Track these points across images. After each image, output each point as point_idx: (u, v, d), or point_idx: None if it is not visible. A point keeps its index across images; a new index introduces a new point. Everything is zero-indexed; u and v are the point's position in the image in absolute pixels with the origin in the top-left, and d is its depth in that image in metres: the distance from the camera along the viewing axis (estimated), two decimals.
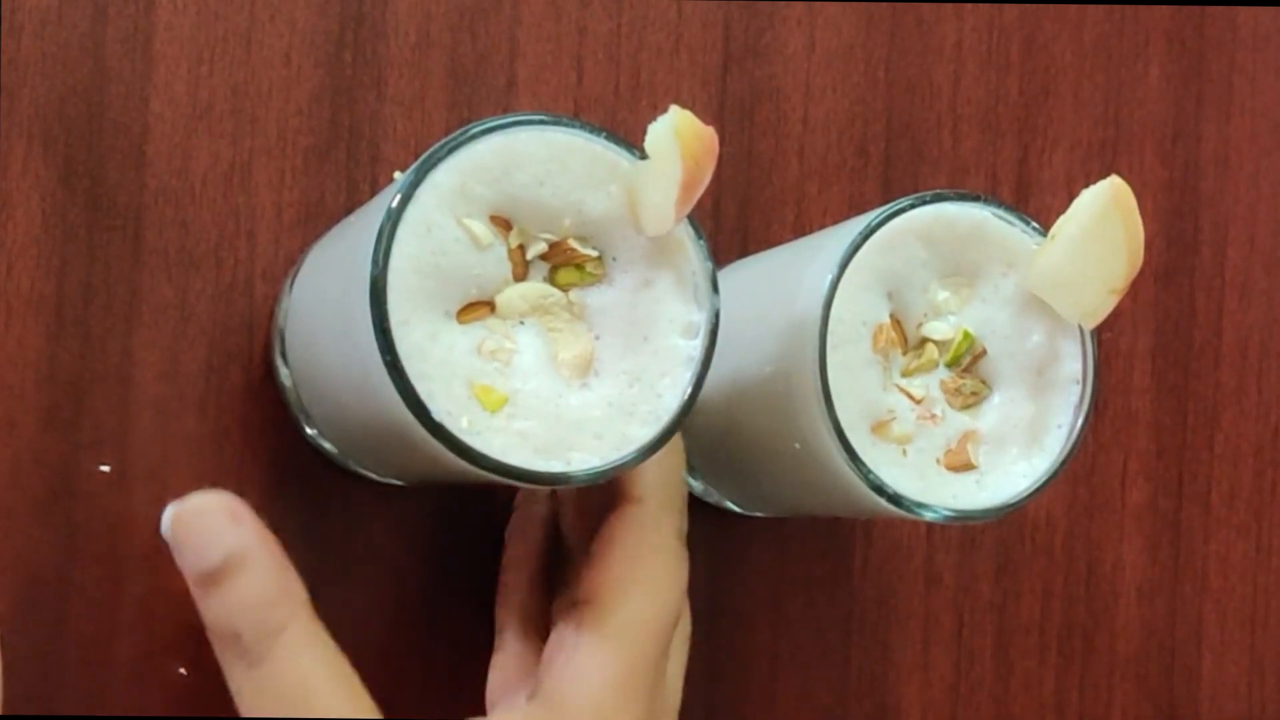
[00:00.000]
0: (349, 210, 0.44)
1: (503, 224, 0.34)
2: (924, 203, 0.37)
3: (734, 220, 0.48)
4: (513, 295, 0.34)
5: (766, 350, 0.38)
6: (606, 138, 0.34)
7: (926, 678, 0.50)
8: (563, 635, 0.37)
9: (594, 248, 0.34)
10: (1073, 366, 0.38)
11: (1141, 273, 0.36)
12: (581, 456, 0.33)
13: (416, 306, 0.32)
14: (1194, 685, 0.54)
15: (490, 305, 0.34)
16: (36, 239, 0.41)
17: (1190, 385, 0.54)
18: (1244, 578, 0.54)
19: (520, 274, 0.34)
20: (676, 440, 0.36)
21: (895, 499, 0.36)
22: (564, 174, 0.34)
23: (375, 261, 0.32)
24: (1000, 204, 0.37)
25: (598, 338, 0.34)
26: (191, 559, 0.36)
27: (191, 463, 0.40)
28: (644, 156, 0.34)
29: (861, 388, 0.36)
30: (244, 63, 0.43)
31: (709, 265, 0.35)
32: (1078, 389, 0.38)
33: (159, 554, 0.42)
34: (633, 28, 0.47)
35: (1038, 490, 0.37)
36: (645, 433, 0.34)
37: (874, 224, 0.36)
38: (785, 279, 0.39)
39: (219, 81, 0.43)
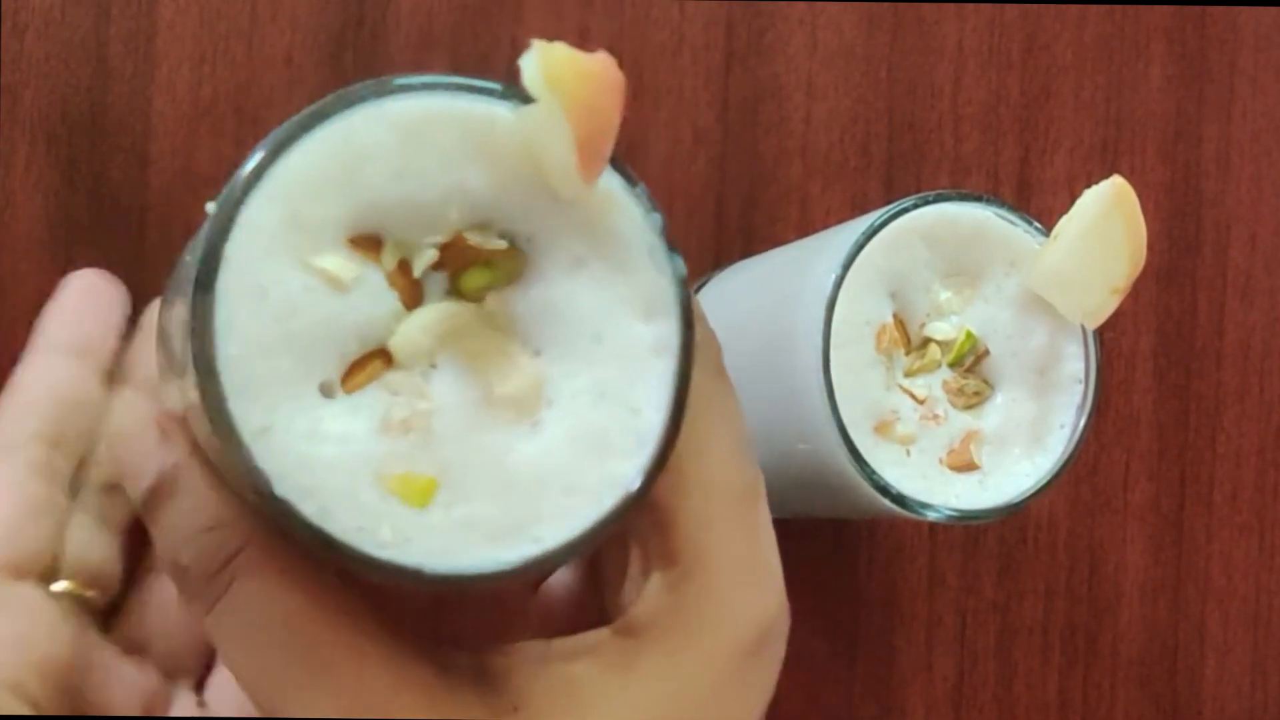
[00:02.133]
0: None
1: (369, 244, 0.25)
2: (927, 202, 0.37)
3: (737, 220, 0.48)
4: (410, 332, 0.25)
5: (769, 350, 0.38)
6: (469, 91, 0.25)
7: (930, 678, 0.50)
8: (615, 546, 0.30)
9: (500, 234, 0.25)
10: (1075, 366, 0.38)
11: (1143, 273, 0.36)
12: (554, 527, 0.25)
13: (277, 401, 0.23)
14: (1197, 685, 0.53)
15: (384, 356, 0.25)
16: (40, 238, 0.41)
17: (1192, 385, 0.54)
18: (1247, 577, 0.54)
19: (413, 300, 0.25)
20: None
21: (899, 499, 0.36)
22: (427, 154, 0.25)
23: (199, 365, 0.23)
24: (1003, 204, 0.37)
25: (538, 353, 0.26)
26: (130, 481, 0.30)
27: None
28: (526, 100, 0.25)
29: (865, 388, 0.36)
30: (246, 62, 0.43)
31: (657, 217, 0.26)
32: (1080, 389, 0.38)
33: None
34: (635, 27, 0.47)
35: (1040, 490, 0.37)
36: (630, 467, 0.25)
37: (877, 224, 0.36)
38: (788, 279, 0.39)
39: (221, 81, 0.43)
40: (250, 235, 0.23)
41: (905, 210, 0.37)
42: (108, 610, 0.38)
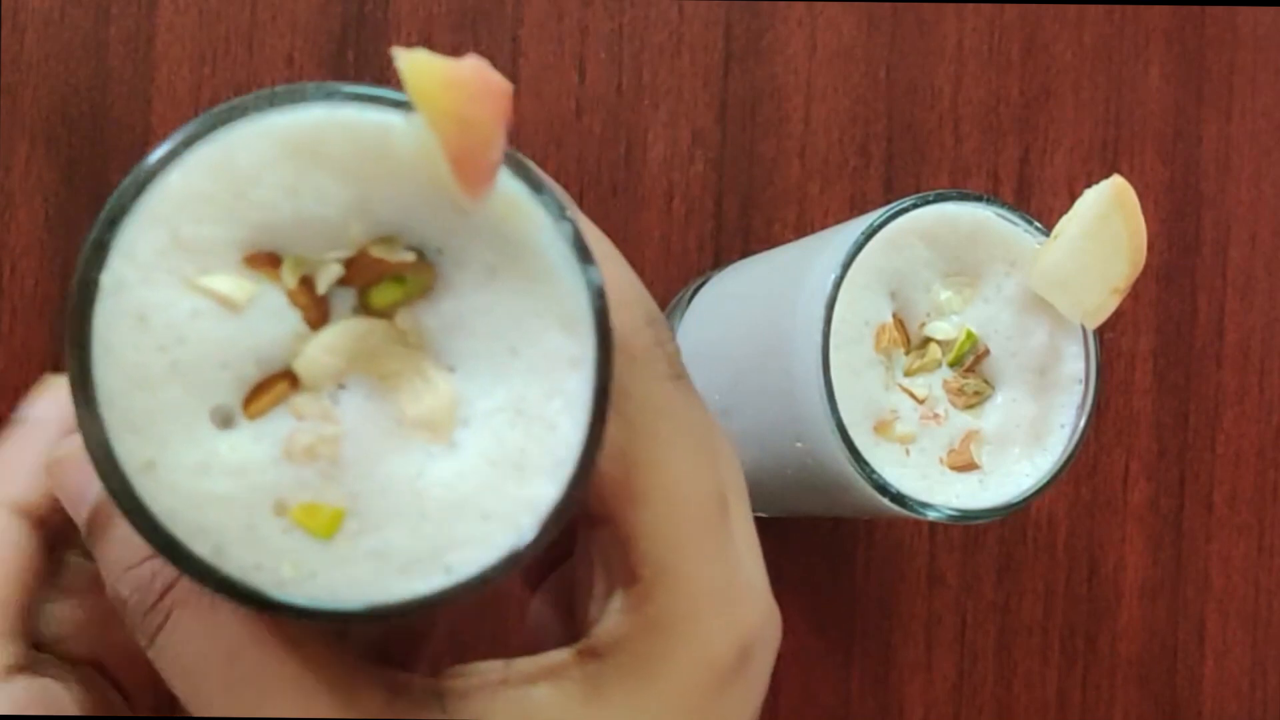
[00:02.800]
0: None
1: (266, 261, 0.23)
2: (926, 202, 0.37)
3: (736, 220, 0.48)
4: (317, 352, 0.23)
5: (769, 350, 0.38)
6: (356, 101, 0.23)
7: (929, 677, 0.50)
8: (581, 558, 0.30)
9: (407, 247, 0.24)
10: (1075, 366, 0.38)
11: (1143, 273, 0.36)
12: (467, 555, 0.23)
13: (163, 435, 0.22)
14: (1196, 685, 0.53)
15: (290, 378, 0.23)
16: (40, 239, 0.41)
17: (1192, 385, 0.54)
18: (1246, 578, 0.54)
19: (318, 319, 0.24)
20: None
21: (898, 498, 0.36)
22: (320, 168, 0.23)
23: (75, 399, 0.22)
24: (1003, 204, 0.37)
25: (453, 369, 0.24)
26: (73, 515, 0.29)
27: None
28: (412, 107, 0.23)
29: (864, 387, 0.36)
30: (246, 63, 0.43)
31: (566, 226, 0.24)
32: (1080, 389, 0.38)
33: None
34: (634, 28, 0.47)
35: (1040, 490, 0.37)
36: (549, 489, 0.24)
37: (877, 224, 0.36)
38: (787, 279, 0.39)
39: (221, 81, 0.43)
40: (126, 261, 0.22)
41: (905, 210, 0.37)
42: None
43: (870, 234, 0.36)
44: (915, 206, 0.37)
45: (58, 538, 0.34)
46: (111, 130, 0.42)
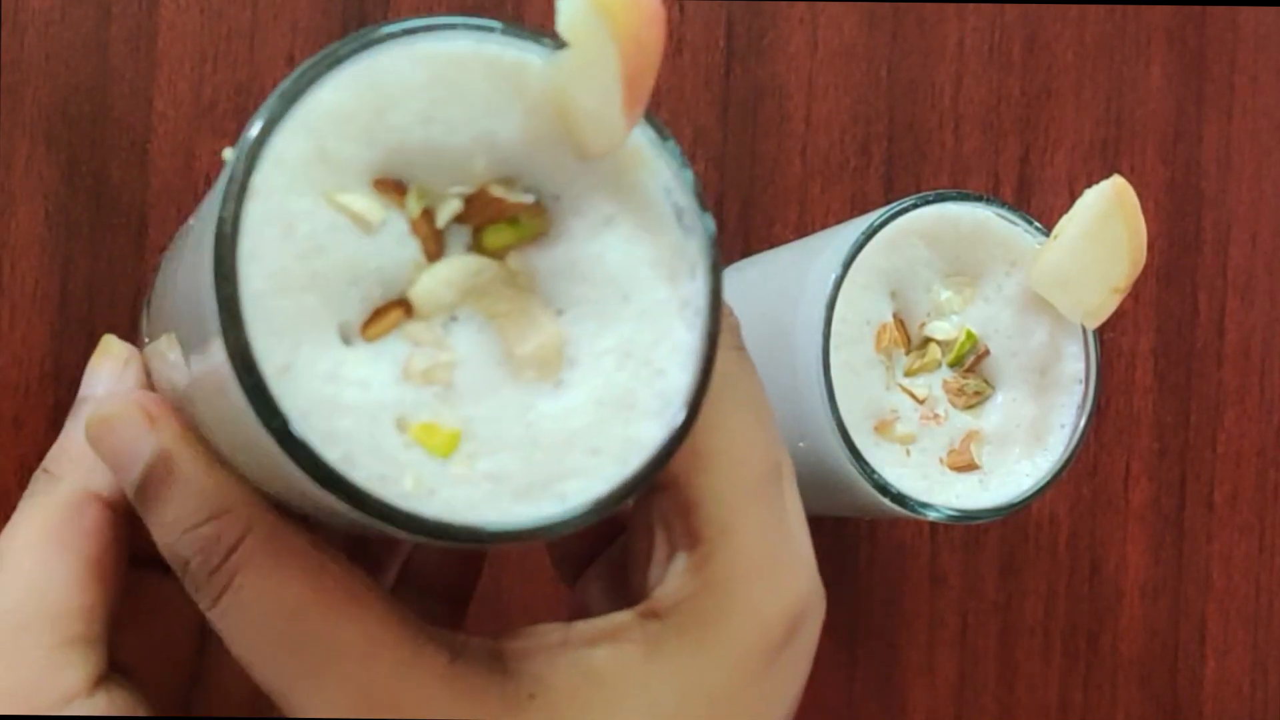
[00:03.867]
0: None
1: (393, 188, 0.24)
2: (927, 202, 0.37)
3: (736, 220, 0.48)
4: (432, 283, 0.24)
5: (770, 350, 0.38)
6: (504, 33, 0.24)
7: (931, 679, 0.50)
8: (639, 523, 0.30)
9: (526, 189, 0.25)
10: (1075, 366, 0.38)
11: (1143, 272, 0.36)
12: (579, 485, 0.24)
13: (299, 340, 0.23)
14: (1197, 685, 0.53)
15: (404, 305, 0.24)
16: (40, 237, 0.41)
17: (1193, 385, 0.54)
18: (1247, 577, 0.54)
19: (435, 251, 0.24)
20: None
21: (899, 499, 0.36)
22: (457, 99, 0.24)
23: (222, 296, 0.22)
24: (1003, 203, 0.37)
25: (561, 312, 0.25)
26: (120, 477, 0.28)
27: None
28: (561, 45, 0.24)
29: (865, 387, 0.36)
30: (247, 62, 0.44)
31: (688, 174, 0.25)
32: (1080, 389, 0.38)
33: None
34: None
35: (1041, 490, 0.37)
36: (655, 429, 0.24)
37: (877, 223, 0.36)
38: (788, 279, 0.39)
39: (222, 80, 0.43)
40: (277, 168, 0.22)
41: (905, 210, 0.37)
42: None
43: (870, 234, 0.36)
44: (915, 206, 0.37)
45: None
46: (112, 130, 0.42)
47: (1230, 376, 0.54)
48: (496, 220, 0.25)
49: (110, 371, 0.32)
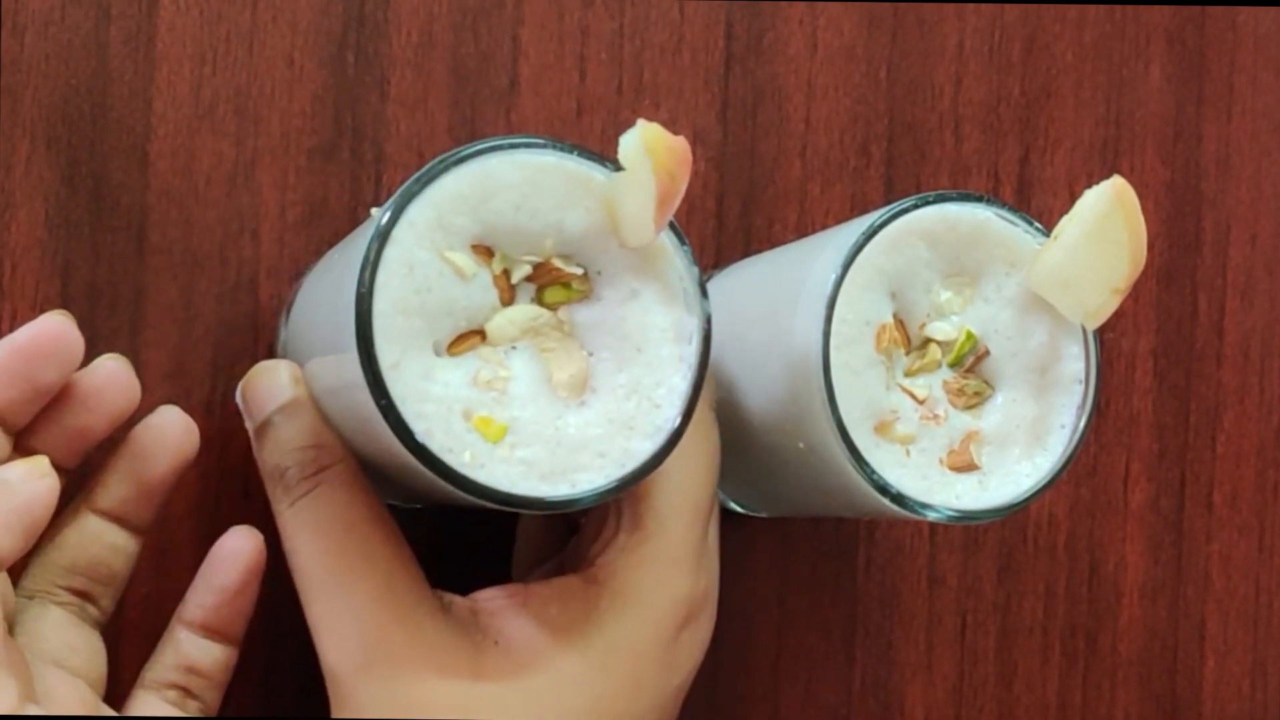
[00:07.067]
0: (353, 210, 0.44)
1: (484, 252, 0.33)
2: (927, 203, 0.37)
3: (736, 220, 0.48)
4: (502, 321, 0.34)
5: (769, 351, 0.38)
6: (579, 155, 0.34)
7: (930, 678, 0.50)
8: (598, 513, 0.38)
9: (578, 264, 0.34)
10: (1075, 367, 0.38)
11: (1143, 273, 0.36)
12: (586, 477, 0.33)
13: (406, 348, 0.32)
14: (1196, 685, 0.54)
15: (480, 334, 0.34)
16: (40, 239, 0.41)
17: (1192, 385, 0.54)
18: (1246, 578, 0.54)
19: (507, 299, 0.34)
20: None
21: (899, 499, 0.36)
22: (540, 195, 0.33)
23: (360, 310, 0.31)
24: (1003, 204, 0.37)
25: (590, 354, 0.34)
26: (254, 410, 0.37)
27: (199, 463, 0.40)
28: (618, 168, 0.33)
29: (865, 388, 0.36)
30: (247, 63, 0.44)
31: (695, 270, 0.35)
32: (1080, 389, 0.38)
33: (167, 552, 0.42)
34: (635, 27, 0.47)
35: (1040, 490, 0.37)
36: (647, 446, 0.34)
37: (877, 224, 0.36)
38: (788, 279, 0.39)
39: (222, 82, 0.43)
40: (409, 228, 0.32)
41: (905, 210, 0.37)
42: None
43: (870, 234, 0.36)
44: (916, 207, 0.37)
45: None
46: (111, 130, 0.42)
47: (1230, 377, 0.54)
48: (554, 283, 0.34)
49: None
